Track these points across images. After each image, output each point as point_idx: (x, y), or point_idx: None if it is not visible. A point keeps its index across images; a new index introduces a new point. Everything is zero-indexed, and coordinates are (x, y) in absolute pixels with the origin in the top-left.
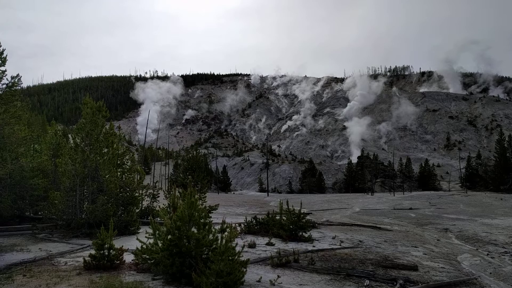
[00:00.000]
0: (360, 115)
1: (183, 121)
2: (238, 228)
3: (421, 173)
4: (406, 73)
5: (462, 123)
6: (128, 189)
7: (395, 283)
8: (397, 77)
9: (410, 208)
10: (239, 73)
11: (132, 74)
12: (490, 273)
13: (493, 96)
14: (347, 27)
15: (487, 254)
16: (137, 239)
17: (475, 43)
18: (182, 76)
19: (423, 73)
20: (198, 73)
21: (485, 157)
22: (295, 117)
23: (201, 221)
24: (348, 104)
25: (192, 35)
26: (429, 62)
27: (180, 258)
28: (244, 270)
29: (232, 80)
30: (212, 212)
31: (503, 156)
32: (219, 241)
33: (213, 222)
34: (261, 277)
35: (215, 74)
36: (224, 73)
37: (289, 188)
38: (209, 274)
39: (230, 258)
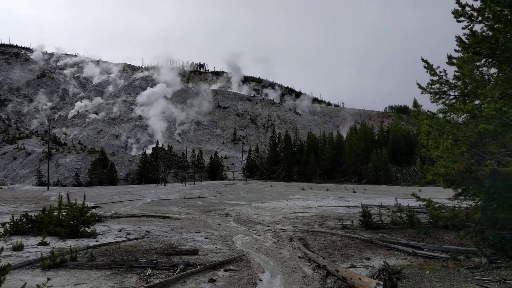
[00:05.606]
0: (157, 106)
1: None
2: (2, 229)
3: (211, 164)
4: (202, 70)
5: (246, 120)
6: None
7: (176, 268)
8: (194, 73)
9: (199, 197)
10: (15, 44)
11: None
12: (256, 248)
13: (270, 99)
14: (148, 16)
15: (256, 233)
16: None
17: (263, 47)
18: None
19: (216, 72)
20: None
21: (261, 150)
22: (86, 102)
23: None
24: (145, 93)
25: None
26: (222, 61)
27: None
28: (2, 278)
29: (4, 52)
30: None
31: (274, 150)
32: None
33: None
34: (25, 283)
35: None
36: None
37: (76, 181)
38: None
39: None
